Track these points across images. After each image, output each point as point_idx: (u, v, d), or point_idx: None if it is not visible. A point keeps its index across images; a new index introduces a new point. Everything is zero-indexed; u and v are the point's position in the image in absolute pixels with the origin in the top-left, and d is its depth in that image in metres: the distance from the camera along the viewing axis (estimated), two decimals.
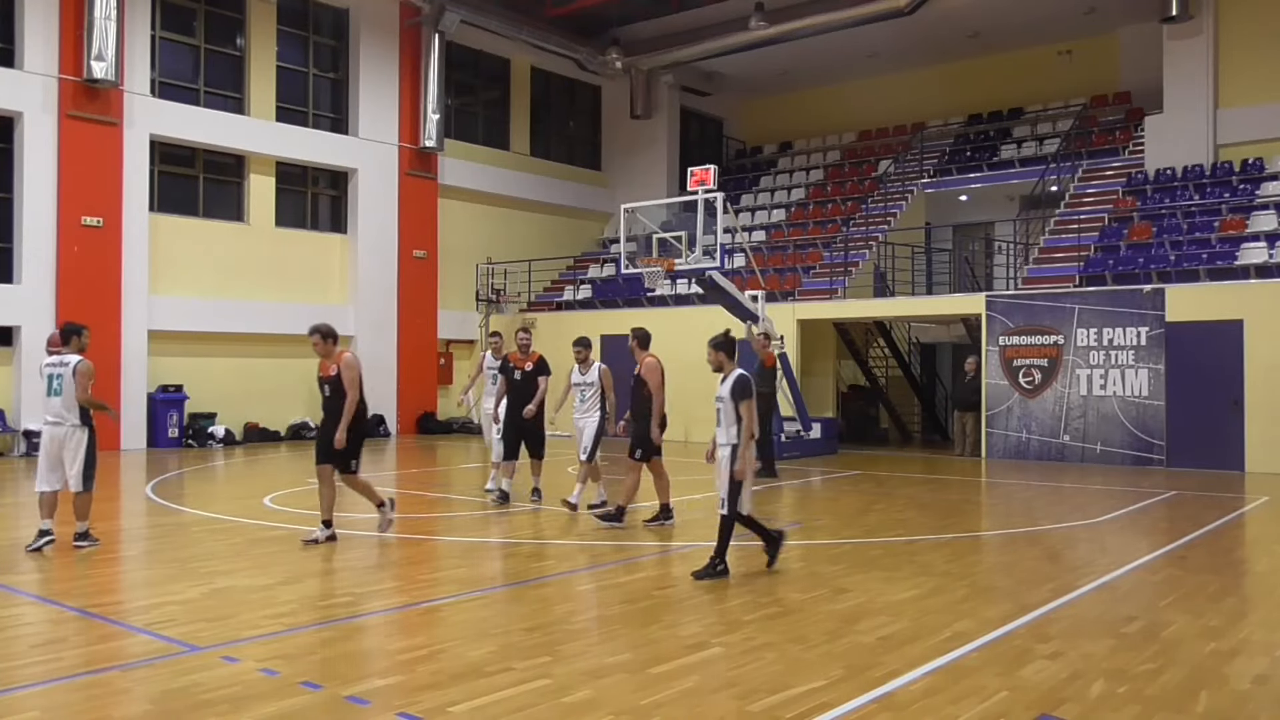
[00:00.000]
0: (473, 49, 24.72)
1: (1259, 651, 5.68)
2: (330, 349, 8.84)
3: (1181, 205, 18.81)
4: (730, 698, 4.83)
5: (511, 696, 4.82)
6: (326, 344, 8.84)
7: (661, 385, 10.22)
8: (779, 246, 23.21)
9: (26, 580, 7.42)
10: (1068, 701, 4.79)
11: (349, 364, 8.70)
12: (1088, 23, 22.76)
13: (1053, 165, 21.66)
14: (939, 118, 26.05)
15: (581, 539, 9.43)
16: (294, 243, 21.18)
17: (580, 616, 6.33)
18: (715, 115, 29.63)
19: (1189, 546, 9.04)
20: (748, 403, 7.43)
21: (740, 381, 7.54)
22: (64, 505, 8.72)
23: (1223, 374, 15.42)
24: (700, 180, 16.35)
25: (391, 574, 7.85)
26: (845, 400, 22.52)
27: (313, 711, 4.64)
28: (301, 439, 20.56)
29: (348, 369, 8.66)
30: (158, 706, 4.69)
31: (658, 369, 10.24)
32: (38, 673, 5.18)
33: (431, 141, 22.71)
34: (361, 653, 5.75)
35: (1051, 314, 16.88)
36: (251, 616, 6.32)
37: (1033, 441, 17.03)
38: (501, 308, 24.30)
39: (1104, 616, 6.48)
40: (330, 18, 22.09)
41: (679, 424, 20.86)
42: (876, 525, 10.17)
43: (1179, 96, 20.22)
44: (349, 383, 8.60)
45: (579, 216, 27.28)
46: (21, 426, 17.06)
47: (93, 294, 17.68)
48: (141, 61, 18.57)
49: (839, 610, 6.53)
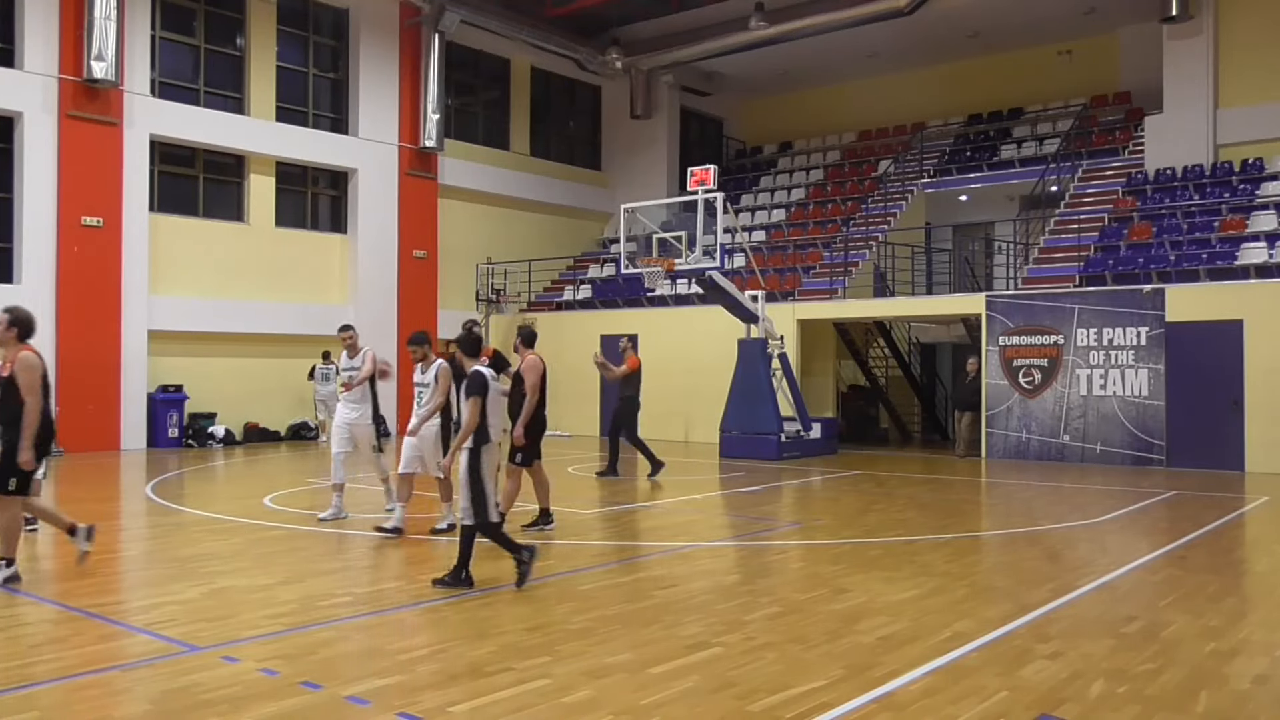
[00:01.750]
0: (473, 49, 24.73)
1: (1259, 651, 5.68)
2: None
3: (1181, 205, 18.81)
4: (730, 698, 4.83)
5: (511, 696, 4.82)
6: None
7: (539, 385, 9.49)
8: (779, 246, 23.21)
9: (26, 580, 7.41)
10: (1068, 701, 4.79)
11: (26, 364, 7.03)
12: (1088, 23, 22.76)
13: (1053, 165, 21.65)
14: (939, 118, 26.06)
15: (581, 539, 9.43)
16: (294, 243, 21.19)
17: (580, 616, 6.32)
18: (715, 115, 29.63)
19: (1189, 546, 9.04)
20: (472, 400, 7.00)
21: (472, 378, 7.11)
22: (64, 504, 8.69)
23: (1223, 374, 15.42)
24: (700, 180, 16.36)
25: (391, 574, 7.85)
26: (845, 400, 22.53)
27: (313, 711, 4.64)
28: (301, 439, 20.58)
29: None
30: (158, 706, 4.69)
31: (538, 368, 9.55)
32: (38, 673, 5.18)
33: (431, 141, 22.72)
34: (361, 653, 5.74)
35: (1051, 314, 16.88)
36: (251, 616, 6.32)
37: (1033, 441, 17.03)
38: (501, 308, 24.31)
39: (1104, 616, 6.48)
40: (330, 18, 22.09)
41: (679, 424, 20.95)
42: (876, 525, 10.17)
43: (1179, 96, 20.22)
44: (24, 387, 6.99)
45: (579, 216, 27.29)
46: None
47: (93, 294, 17.69)
48: (141, 61, 18.57)
49: (839, 610, 6.53)
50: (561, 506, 11.04)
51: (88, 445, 17.33)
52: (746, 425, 17.10)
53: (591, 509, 11.43)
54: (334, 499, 10.14)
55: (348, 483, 10.33)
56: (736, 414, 17.27)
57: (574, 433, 22.41)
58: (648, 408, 22.01)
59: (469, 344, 7.47)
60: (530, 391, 9.35)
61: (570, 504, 11.58)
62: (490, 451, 7.07)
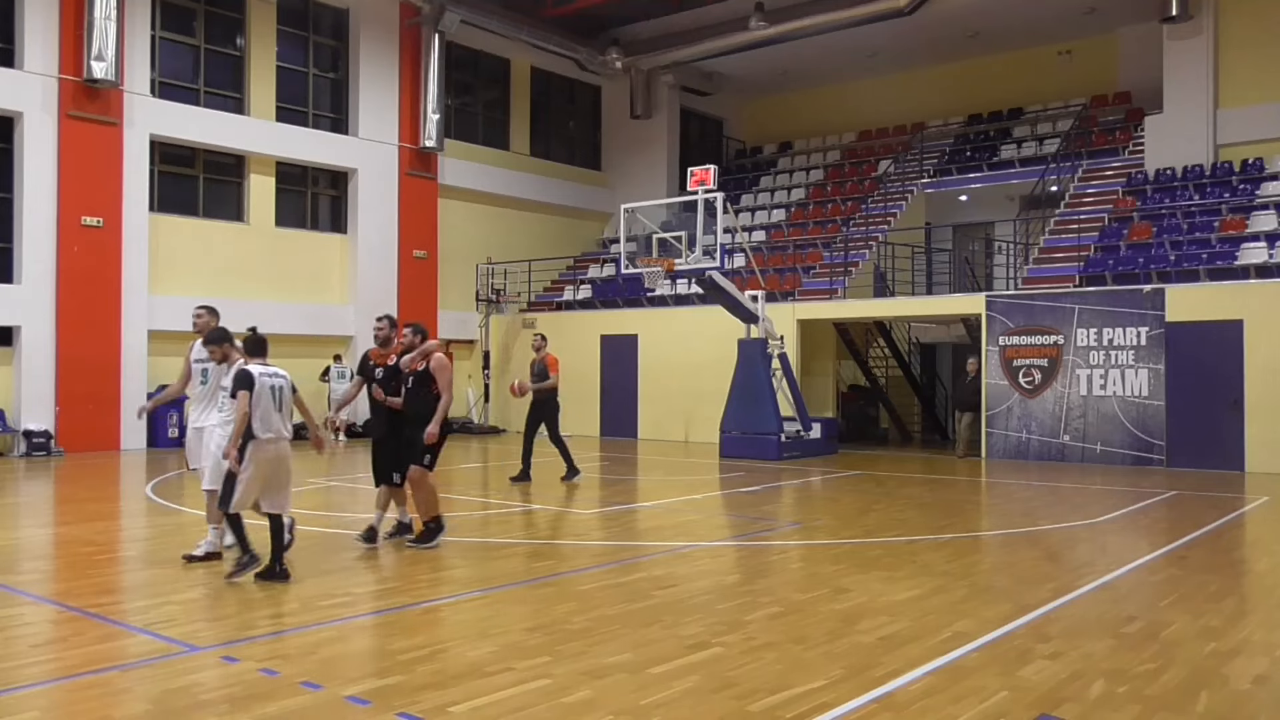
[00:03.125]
0: (473, 49, 24.73)
1: (1259, 651, 5.68)
2: None
3: (1181, 205, 18.81)
4: (730, 698, 4.82)
5: (511, 696, 4.82)
6: None
7: (451, 385, 8.84)
8: (779, 246, 23.21)
9: (26, 580, 7.41)
10: (1068, 701, 4.79)
11: None
12: (1088, 23, 22.76)
13: (1053, 165, 21.66)
14: (939, 118, 26.05)
15: (581, 539, 9.42)
16: (294, 243, 21.19)
17: (580, 616, 6.32)
18: (715, 115, 29.63)
19: (1189, 546, 9.04)
20: (241, 395, 7.12)
21: (237, 375, 7.26)
22: (65, 505, 8.70)
23: (1223, 374, 15.42)
24: (700, 180, 16.37)
25: (391, 574, 7.85)
26: (845, 400, 22.53)
27: (313, 711, 4.64)
28: (302, 439, 20.52)
29: None
30: (158, 706, 4.69)
31: (448, 367, 8.85)
32: (38, 673, 5.18)
33: (431, 141, 22.72)
34: (361, 653, 5.74)
35: (1051, 314, 16.88)
36: (251, 616, 6.32)
37: (1033, 441, 17.03)
38: (501, 308, 24.32)
39: (1104, 616, 6.48)
40: (330, 18, 22.09)
41: (679, 424, 20.95)
42: (876, 525, 10.17)
43: (1179, 96, 20.22)
44: None
45: (579, 216, 27.29)
46: (21, 426, 17.05)
47: (93, 294, 17.69)
48: (141, 61, 18.58)
49: (839, 610, 6.53)
50: (562, 506, 11.07)
51: (88, 445, 17.34)
52: (746, 425, 17.09)
53: (591, 509, 11.43)
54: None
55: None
56: (736, 414, 17.27)
57: (574, 433, 22.40)
58: (648, 408, 22.19)
59: (253, 345, 7.51)
60: (444, 390, 8.70)
61: (570, 504, 11.59)
62: (259, 447, 7.14)
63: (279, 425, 7.30)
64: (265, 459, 7.17)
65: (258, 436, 7.13)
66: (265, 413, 7.18)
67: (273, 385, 7.28)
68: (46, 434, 17.05)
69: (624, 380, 21.98)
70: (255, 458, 7.12)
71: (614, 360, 22.25)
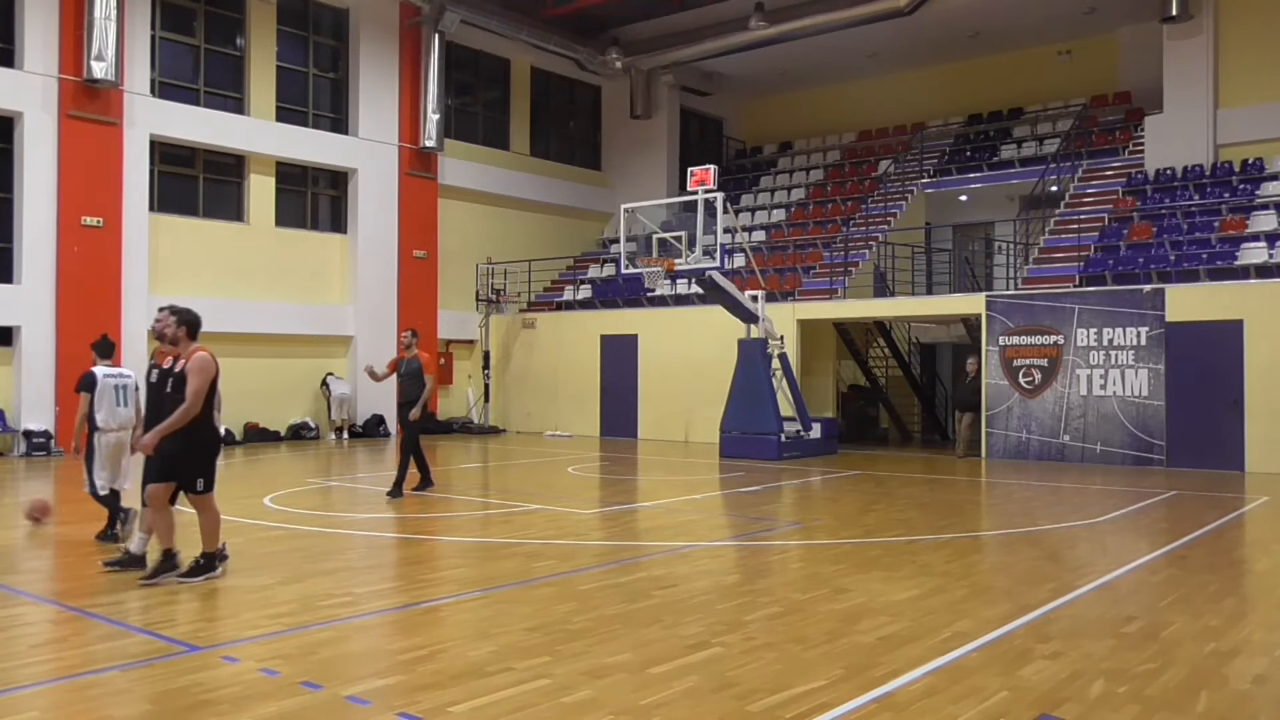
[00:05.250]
0: (473, 49, 24.72)
1: (1259, 651, 5.68)
2: None
3: (1181, 205, 18.81)
4: (730, 698, 4.83)
5: (511, 696, 4.82)
6: None
7: (205, 390, 7.11)
8: (779, 246, 23.21)
9: (26, 580, 7.42)
10: (1068, 701, 4.79)
11: None
12: (1088, 23, 22.76)
13: (1053, 165, 21.65)
14: (939, 118, 26.05)
15: (581, 539, 9.43)
16: (294, 243, 21.19)
17: (580, 616, 6.32)
18: (715, 115, 29.62)
19: (1189, 546, 9.04)
20: (82, 396, 8.56)
21: (81, 377, 8.69)
22: (65, 505, 8.70)
23: (1222, 374, 15.42)
24: (700, 180, 16.36)
25: (391, 574, 7.85)
26: (845, 400, 22.53)
27: (313, 711, 4.64)
28: (301, 439, 20.57)
29: None
30: (158, 706, 4.69)
31: (209, 368, 7.18)
32: (38, 673, 5.18)
33: (431, 141, 22.72)
34: (361, 653, 5.75)
35: (1051, 314, 16.88)
36: (251, 616, 6.32)
37: (1033, 441, 17.03)
38: (501, 308, 24.32)
39: (1104, 616, 6.48)
40: (330, 18, 22.09)
41: (679, 424, 20.95)
42: (876, 525, 10.17)
43: (1179, 96, 20.21)
44: None
45: (579, 216, 27.28)
46: (21, 426, 17.05)
47: (93, 294, 17.69)
48: (141, 61, 18.57)
49: (839, 610, 6.53)
50: (562, 506, 11.06)
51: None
52: (746, 425, 17.09)
53: (591, 509, 11.44)
54: None
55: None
56: (736, 414, 17.27)
57: (574, 433, 22.41)
58: (648, 408, 22.17)
59: (101, 347, 9.01)
60: (192, 397, 7.00)
61: (570, 504, 11.59)
62: (101, 439, 8.58)
63: (123, 418, 8.66)
64: (104, 448, 8.55)
65: (98, 428, 8.49)
66: (109, 408, 8.59)
67: (116, 384, 8.73)
68: (46, 434, 17.05)
69: (624, 380, 21.97)
70: (98, 446, 8.55)
71: (614, 360, 22.24)
